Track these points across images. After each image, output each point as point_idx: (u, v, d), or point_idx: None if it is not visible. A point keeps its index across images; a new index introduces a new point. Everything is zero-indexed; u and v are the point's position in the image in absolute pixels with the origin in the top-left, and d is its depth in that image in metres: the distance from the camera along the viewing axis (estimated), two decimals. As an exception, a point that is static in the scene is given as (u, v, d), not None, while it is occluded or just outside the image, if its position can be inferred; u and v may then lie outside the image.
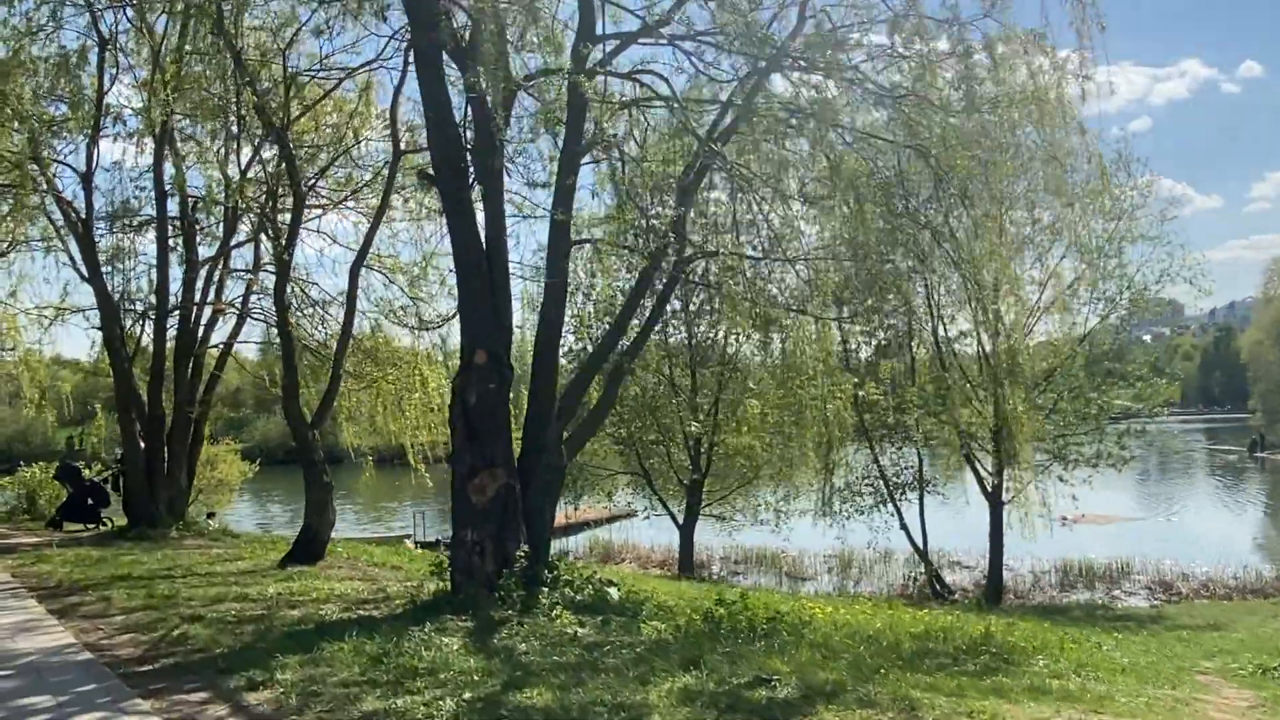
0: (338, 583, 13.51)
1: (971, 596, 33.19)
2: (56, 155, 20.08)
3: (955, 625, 13.07)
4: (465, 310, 11.38)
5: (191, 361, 21.29)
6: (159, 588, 12.70)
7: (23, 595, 12.38)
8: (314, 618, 10.44)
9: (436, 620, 9.72)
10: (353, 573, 14.93)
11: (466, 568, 11.07)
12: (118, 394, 20.28)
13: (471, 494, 11.11)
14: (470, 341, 11.24)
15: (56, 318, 23.09)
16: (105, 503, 22.64)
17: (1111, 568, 36.59)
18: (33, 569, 14.91)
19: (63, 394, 30.12)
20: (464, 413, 11.22)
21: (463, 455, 11.28)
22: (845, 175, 10.36)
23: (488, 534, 11.03)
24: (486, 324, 11.27)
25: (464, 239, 11.23)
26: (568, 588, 11.16)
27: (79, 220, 19.88)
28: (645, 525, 41.60)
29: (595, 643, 8.87)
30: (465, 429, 11.23)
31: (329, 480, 16.08)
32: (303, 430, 15.84)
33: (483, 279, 11.23)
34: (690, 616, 10.46)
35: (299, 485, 53.48)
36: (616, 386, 13.51)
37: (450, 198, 11.30)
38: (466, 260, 11.24)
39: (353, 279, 16.64)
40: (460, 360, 11.46)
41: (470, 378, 11.14)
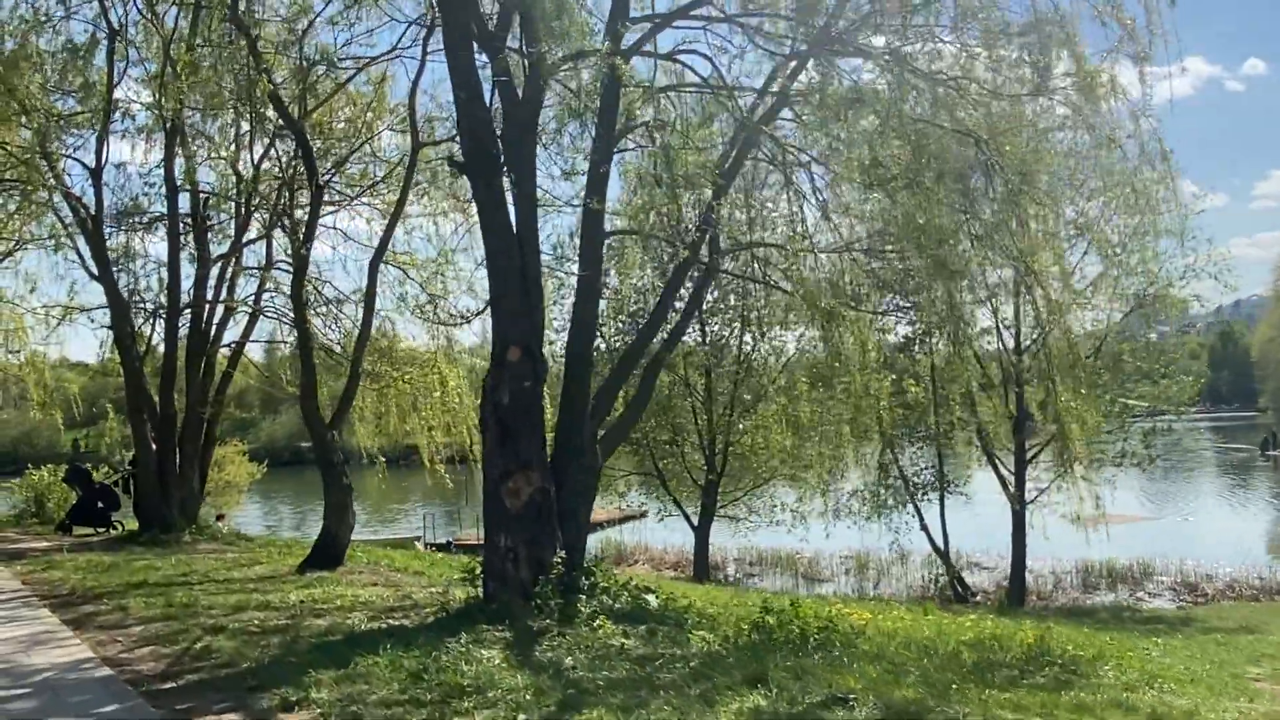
0: (361, 589, 13.00)
1: (992, 599, 32.69)
2: (65, 150, 19.57)
3: (1005, 632, 12.56)
4: (497, 304, 10.86)
5: (203, 361, 20.77)
6: (177, 595, 12.19)
7: (35, 604, 11.86)
8: (342, 628, 9.93)
9: (472, 630, 9.20)
10: (375, 578, 14.42)
11: (500, 574, 10.56)
12: (129, 394, 19.78)
13: (505, 497, 10.59)
14: (502, 337, 10.72)
15: (65, 317, 22.52)
16: (116, 506, 22.14)
17: (1133, 568, 36.07)
18: (44, 576, 14.41)
19: (70, 395, 29.65)
20: (496, 412, 10.70)
21: (495, 457, 10.76)
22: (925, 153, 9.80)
23: (522, 539, 10.51)
24: (519, 318, 10.74)
25: (495, 229, 10.71)
26: (605, 595, 10.64)
27: (88, 217, 19.37)
28: (657, 527, 41.06)
29: (645, 656, 8.35)
30: (497, 429, 10.71)
31: (348, 482, 15.57)
32: (321, 431, 15.33)
33: (515, 271, 10.70)
34: (738, 626, 9.92)
35: (305, 487, 52.95)
36: (651, 384, 13.00)
37: (481, 186, 10.77)
38: (498, 251, 10.71)
39: (371, 275, 16.14)
40: (491, 357, 10.93)
41: (503, 375, 10.62)
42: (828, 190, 11.19)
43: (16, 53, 17.57)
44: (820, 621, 9.77)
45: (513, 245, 10.68)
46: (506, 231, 10.67)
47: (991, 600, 32.30)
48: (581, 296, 11.36)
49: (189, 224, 20.71)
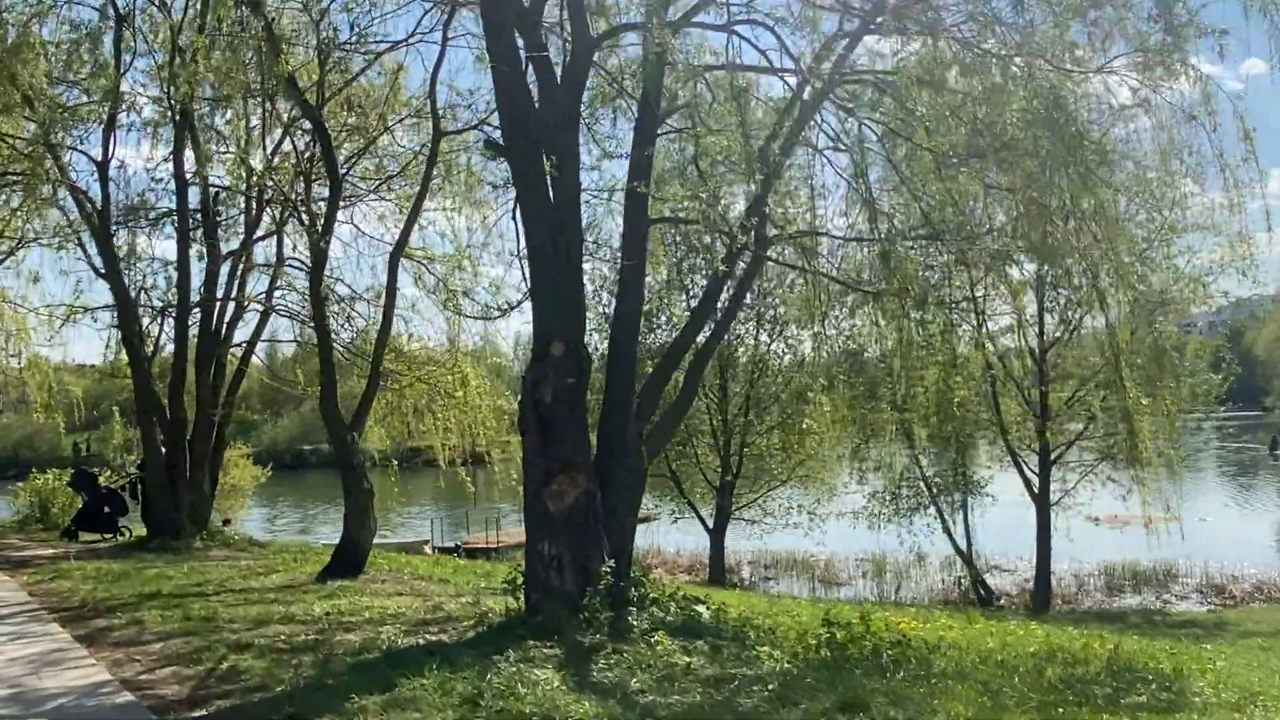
0: (387, 599, 12.29)
1: (1016, 602, 32.01)
2: (70, 143, 18.84)
3: (1071, 643, 11.86)
4: (539, 296, 10.14)
5: (214, 361, 20.06)
6: (194, 608, 11.46)
7: (44, 619, 11.12)
8: (376, 644, 9.20)
9: (519, 647, 8.47)
10: (399, 587, 13.71)
11: (543, 584, 9.84)
12: (137, 396, 19.06)
13: (548, 501, 9.87)
14: (544, 331, 10.01)
15: (69, 318, 21.77)
16: (123, 511, 21.42)
17: (1156, 570, 35.39)
18: (51, 586, 13.69)
19: (73, 398, 28.96)
20: (537, 411, 9.98)
21: (536, 458, 10.04)
22: (995, 133, 9.09)
23: (567, 546, 9.79)
24: (563, 311, 10.04)
25: (537, 215, 9.99)
26: (655, 607, 9.92)
27: (95, 211, 18.65)
28: (669, 530, 40.36)
29: (715, 677, 7.63)
30: (539, 429, 9.99)
31: (369, 486, 14.85)
32: (341, 433, 14.62)
33: (559, 261, 9.99)
34: (803, 641, 9.20)
35: (308, 490, 52.24)
36: (697, 380, 12.29)
37: (521, 170, 10.06)
38: (540, 239, 9.99)
39: (392, 269, 15.45)
40: (532, 353, 10.21)
41: (545, 372, 9.90)
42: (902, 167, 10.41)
43: (19, 40, 16.84)
44: (893, 636, 9.06)
45: (556, 233, 9.97)
46: (549, 218, 9.95)
47: (1016, 604, 31.64)
48: (625, 287, 10.64)
49: (198, 219, 19.96)
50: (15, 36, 17.16)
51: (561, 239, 10.00)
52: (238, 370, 21.27)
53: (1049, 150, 8.90)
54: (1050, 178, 8.90)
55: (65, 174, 18.50)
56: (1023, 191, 9.18)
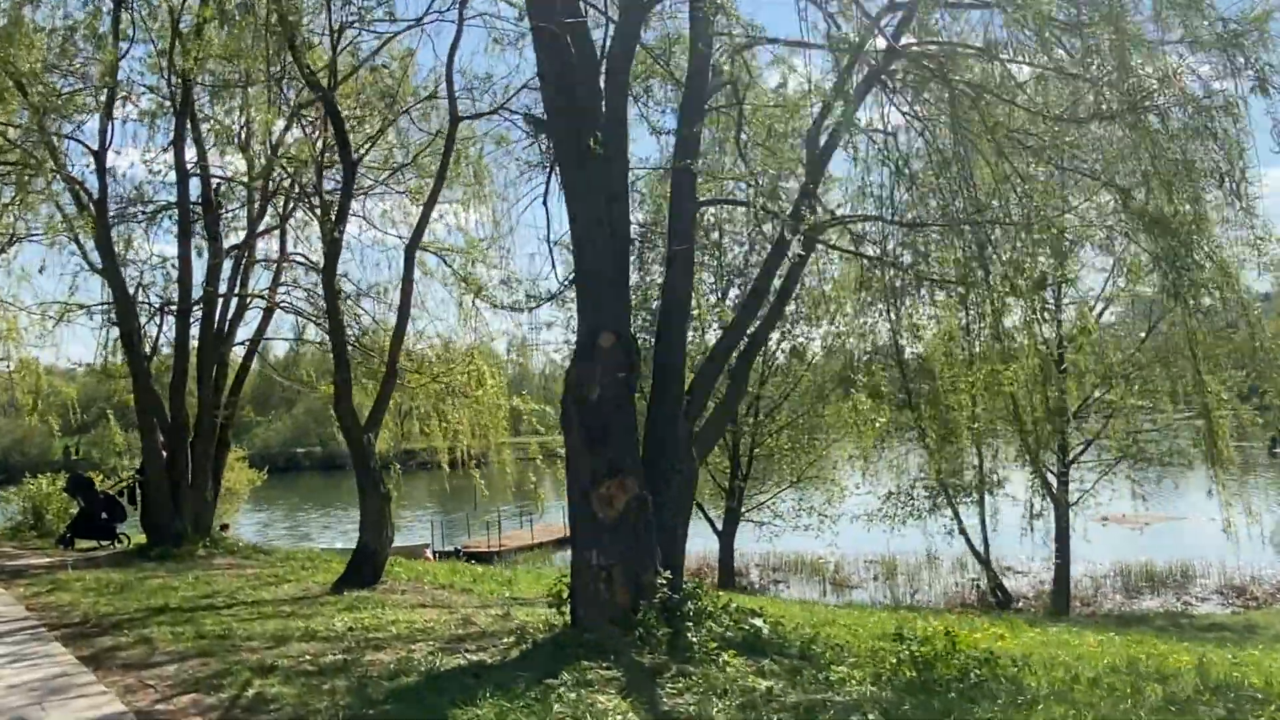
0: (411, 612, 11.47)
1: (1034, 605, 31.28)
2: (66, 131, 17.96)
3: (1145, 653, 11.11)
4: (585, 284, 9.33)
5: (216, 360, 19.20)
6: (205, 623, 10.63)
7: (44, 637, 10.23)
8: (413, 665, 8.37)
9: (573, 669, 7.65)
10: (420, 598, 12.88)
11: (592, 598, 9.02)
12: (137, 397, 18.17)
13: (596, 508, 9.05)
14: (591, 321, 9.20)
15: (62, 317, 20.85)
16: (121, 518, 20.52)
17: (1173, 571, 34.75)
18: (50, 599, 12.81)
19: (68, 400, 28.07)
20: (582, 409, 9.17)
21: (582, 461, 9.23)
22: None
23: (617, 556, 8.98)
24: (612, 298, 9.23)
25: (584, 195, 9.18)
26: (711, 621, 9.11)
27: (91, 203, 17.76)
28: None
29: (801, 704, 6.83)
30: (584, 430, 9.18)
31: (386, 490, 14.02)
32: (358, 434, 13.79)
33: (606, 245, 9.19)
34: (883, 660, 8.39)
35: (302, 493, 51.20)
36: (747, 372, 11.47)
37: (567, 147, 9.25)
38: (588, 221, 9.18)
39: (408, 261, 14.58)
40: (576, 345, 9.40)
41: (593, 367, 9.08)
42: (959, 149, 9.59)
43: (12, 23, 15.98)
44: (980, 653, 8.25)
45: (603, 214, 9.15)
46: (597, 198, 9.13)
47: (1034, 607, 30.90)
48: (673, 274, 9.79)
49: (198, 213, 19.09)
50: (6, 20, 16.35)
51: (609, 219, 9.19)
52: (240, 369, 20.39)
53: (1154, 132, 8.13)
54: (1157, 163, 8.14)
55: (60, 164, 17.61)
56: (1128, 164, 8.40)
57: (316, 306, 19.88)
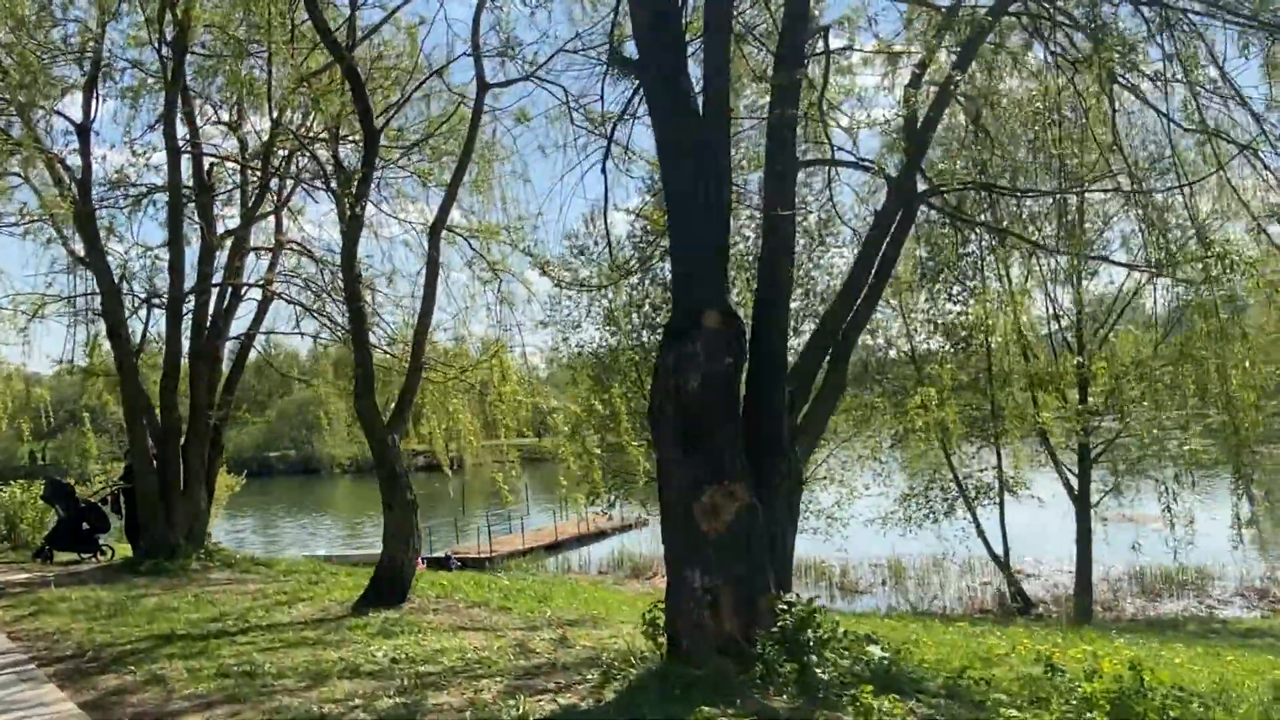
0: (454, 637, 10.02)
1: (1054, 611, 30.16)
2: (46, 107, 16.30)
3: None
4: (682, 253, 7.90)
5: (210, 356, 17.63)
6: (223, 654, 9.13)
7: (35, 676, 8.61)
8: (489, 710, 6.93)
9: (695, 716, 6.24)
10: (457, 619, 11.41)
11: (695, 625, 7.58)
12: (124, 396, 16.57)
13: (699, 519, 7.62)
14: (689, 296, 7.77)
15: (36, 312, 19.13)
16: (104, 527, 18.85)
17: (1188, 572, 33.77)
18: (35, 625, 11.22)
19: (39, 402, 26.39)
20: (679, 402, 7.72)
21: (678, 464, 7.80)
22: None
23: (724, 576, 7.55)
24: (715, 272, 7.82)
25: (681, 147, 7.75)
26: (830, 650, 7.69)
27: (74, 183, 16.15)
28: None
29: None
30: (681, 425, 7.74)
31: (413, 498, 12.53)
32: (380, 433, 12.29)
33: (707, 206, 7.78)
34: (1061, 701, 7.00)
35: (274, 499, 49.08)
36: (848, 356, 10.08)
37: (660, 89, 7.82)
38: (684, 177, 7.76)
39: (433, 243, 13.10)
40: (669, 326, 7.96)
41: (693, 352, 7.64)
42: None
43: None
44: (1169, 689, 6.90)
45: (709, 170, 7.74)
46: (697, 151, 7.71)
47: (1054, 612, 29.76)
48: (773, 244, 8.35)
49: (190, 195, 17.51)
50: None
51: (713, 175, 7.77)
52: (234, 366, 18.79)
53: None
54: None
55: (38, 139, 16.00)
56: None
57: (317, 296, 18.39)
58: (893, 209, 9.19)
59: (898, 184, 9.10)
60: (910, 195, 9.18)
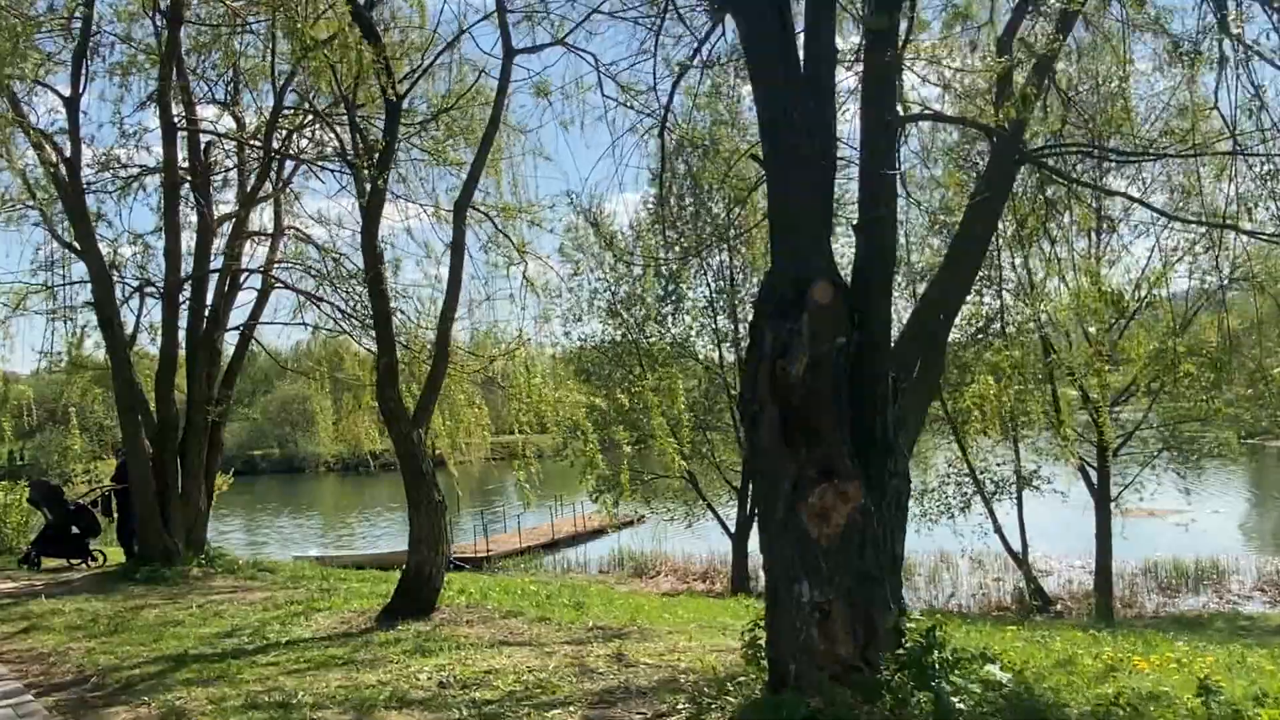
0: (499, 654, 8.96)
1: (1072, 608, 29.37)
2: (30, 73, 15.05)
3: None
4: (785, 218, 6.84)
5: (209, 348, 16.48)
6: (245, 678, 8.04)
7: (32, 711, 7.42)
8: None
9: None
10: (494, 631, 10.33)
11: (803, 646, 6.52)
12: (118, 391, 15.39)
13: (807, 523, 6.57)
14: (793, 268, 6.71)
15: (19, 305, 17.93)
16: (95, 531, 17.70)
17: (1203, 566, 33.14)
18: (27, 644, 10.07)
19: (22, 400, 25.07)
20: (779, 388, 6.67)
21: (778, 461, 6.74)
22: None
23: (838, 589, 6.50)
24: (820, 240, 6.78)
25: (788, 94, 6.70)
26: (957, 675, 6.66)
27: (62, 161, 14.96)
28: (678, 534, 37.27)
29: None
30: (781, 416, 6.70)
31: (441, 498, 11.44)
32: (405, 428, 11.19)
33: (815, 164, 6.73)
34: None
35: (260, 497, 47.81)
36: (945, 337, 9.04)
37: (759, 30, 6.76)
38: (788, 130, 6.70)
39: (458, 221, 11.98)
40: (766, 303, 6.89)
41: (798, 330, 6.59)
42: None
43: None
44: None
45: (813, 123, 6.68)
46: (805, 101, 6.66)
47: (1073, 610, 28.96)
48: (871, 205, 7.26)
49: (185, 175, 16.34)
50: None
51: (819, 127, 6.73)
52: (233, 359, 17.64)
53: None
54: None
55: (21, 114, 14.80)
56: None
57: (319, 284, 17.30)
58: (1001, 170, 8.17)
59: (1004, 144, 8.07)
60: (1017, 156, 8.15)
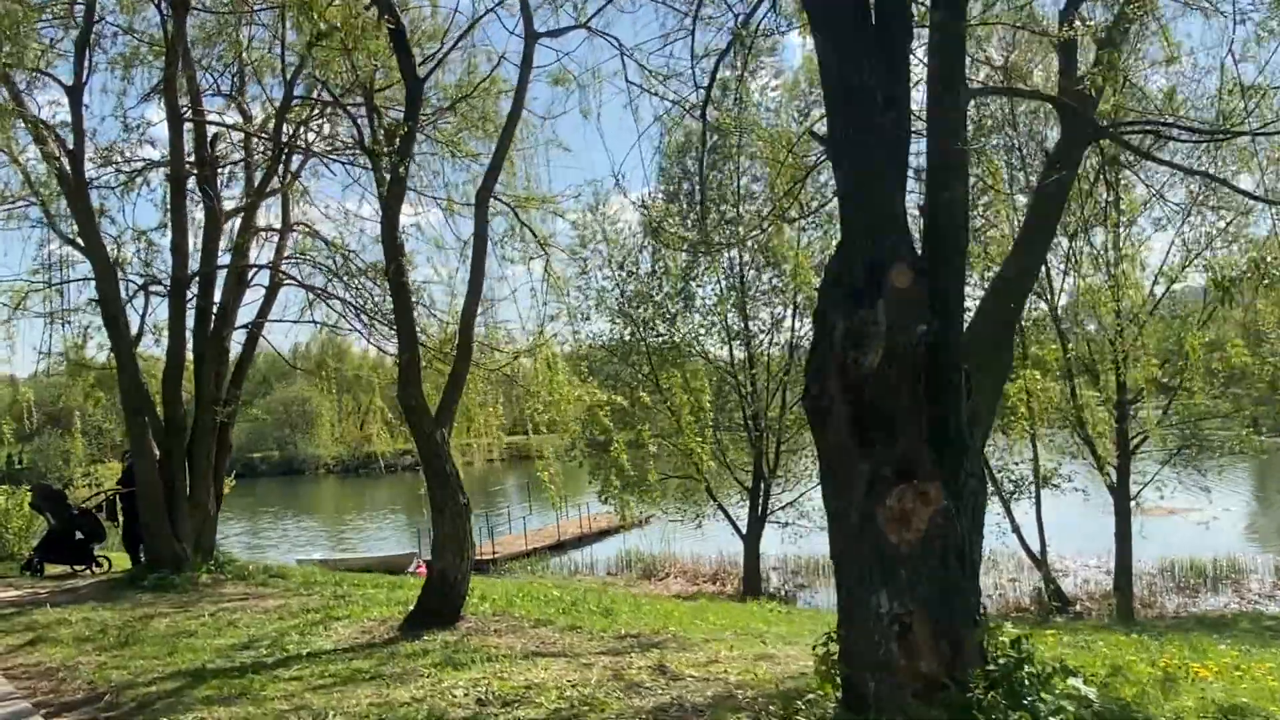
0: (534, 667, 8.42)
1: (1091, 608, 28.85)
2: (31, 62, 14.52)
3: None
4: (858, 193, 6.31)
5: (217, 346, 15.94)
6: (269, 696, 7.51)
7: None
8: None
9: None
10: (525, 641, 9.79)
11: (882, 662, 6.00)
12: (124, 392, 14.86)
13: (885, 529, 6.05)
14: (867, 249, 6.18)
15: (19, 304, 17.34)
16: (100, 537, 17.18)
17: (1220, 566, 32.70)
18: (34, 658, 9.53)
19: (23, 403, 24.60)
20: (851, 382, 6.15)
21: (851, 461, 6.22)
22: None
23: (919, 600, 5.98)
24: (900, 214, 6.26)
25: (860, 58, 6.17)
26: (1048, 692, 6.13)
27: (65, 154, 14.42)
28: (686, 535, 36.79)
29: None
30: (856, 413, 6.18)
31: (466, 501, 10.90)
32: (428, 428, 10.66)
33: (893, 133, 6.21)
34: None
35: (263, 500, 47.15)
36: (1014, 325, 8.52)
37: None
38: (860, 96, 6.17)
39: (480, 212, 11.45)
40: (831, 288, 6.36)
41: (873, 319, 6.07)
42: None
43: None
44: None
45: (890, 91, 6.16)
46: (880, 67, 6.13)
47: (1092, 611, 28.44)
48: (941, 182, 6.72)
49: (191, 168, 15.81)
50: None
51: (895, 98, 6.20)
52: (241, 357, 17.11)
53: None
54: None
55: (23, 104, 14.27)
56: None
57: (329, 280, 16.77)
58: (1073, 147, 7.66)
59: (1078, 120, 7.56)
60: (1092, 130, 7.64)
